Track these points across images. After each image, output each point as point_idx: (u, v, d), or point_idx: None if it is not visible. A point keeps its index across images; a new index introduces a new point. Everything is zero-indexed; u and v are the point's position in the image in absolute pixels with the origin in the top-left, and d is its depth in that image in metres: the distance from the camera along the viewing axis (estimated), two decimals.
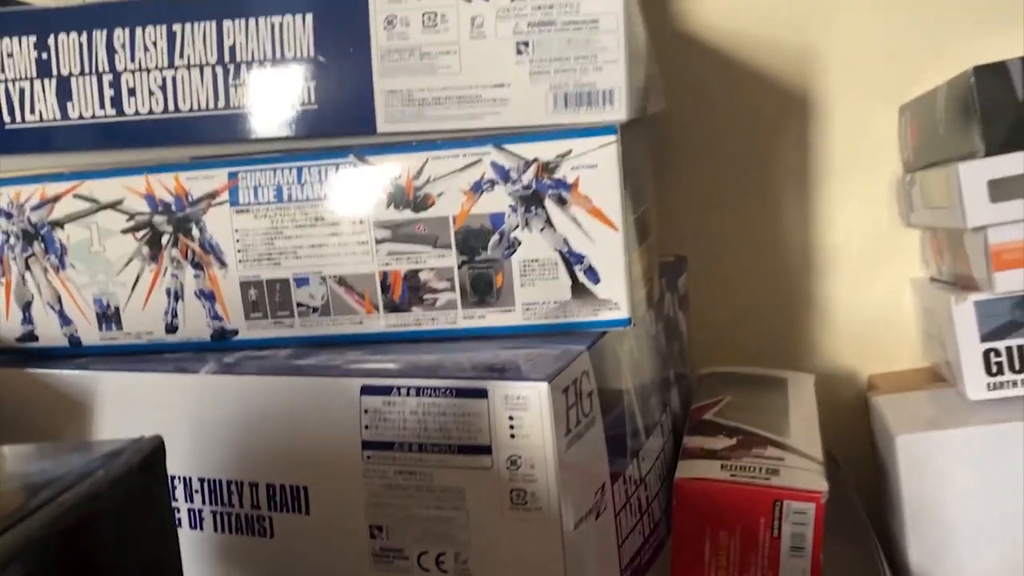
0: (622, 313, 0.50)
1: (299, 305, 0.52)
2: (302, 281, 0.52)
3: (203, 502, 0.49)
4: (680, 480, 0.54)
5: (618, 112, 0.48)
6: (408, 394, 0.45)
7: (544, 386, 0.42)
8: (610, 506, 0.48)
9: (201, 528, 0.50)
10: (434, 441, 0.44)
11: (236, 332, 0.54)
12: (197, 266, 0.53)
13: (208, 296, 0.53)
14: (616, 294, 0.49)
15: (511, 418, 0.43)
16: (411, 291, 0.51)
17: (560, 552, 0.43)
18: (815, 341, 0.79)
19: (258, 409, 0.48)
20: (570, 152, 0.48)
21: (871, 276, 0.77)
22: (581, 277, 0.49)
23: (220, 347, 0.54)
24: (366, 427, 0.45)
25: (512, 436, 0.43)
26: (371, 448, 0.45)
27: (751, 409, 0.65)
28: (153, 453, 0.31)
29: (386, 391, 0.45)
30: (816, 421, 0.63)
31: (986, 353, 0.60)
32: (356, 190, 0.51)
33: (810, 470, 0.55)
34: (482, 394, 0.43)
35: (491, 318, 0.50)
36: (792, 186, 0.77)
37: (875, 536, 0.64)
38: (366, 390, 0.45)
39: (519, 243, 0.50)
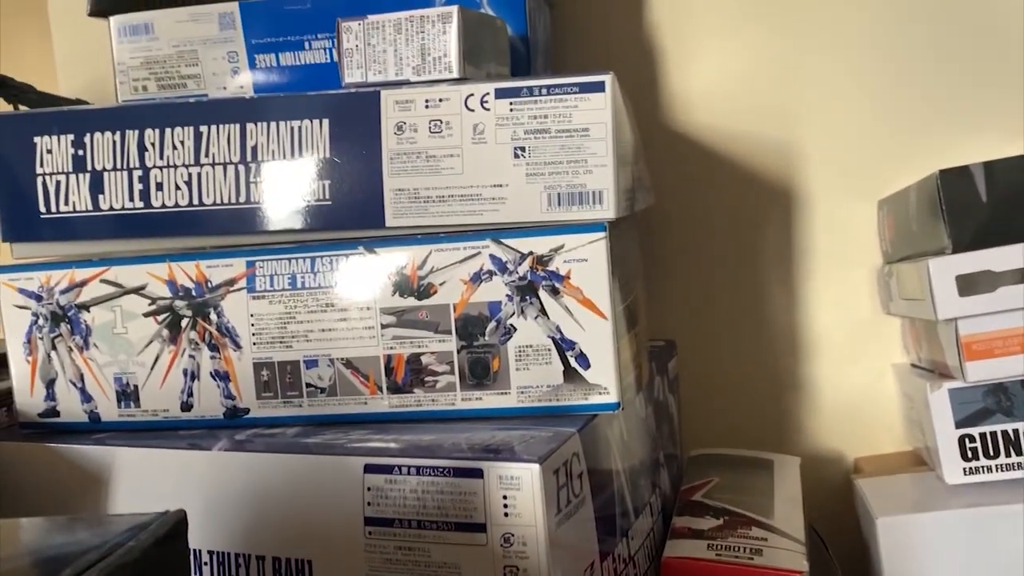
0: (611, 397, 0.53)
1: (308, 386, 0.56)
2: (311, 363, 0.55)
3: (210, 574, 0.52)
4: (668, 559, 0.57)
5: (607, 211, 0.52)
6: (409, 473, 0.47)
7: (536, 467, 0.45)
8: None
9: None
10: (432, 518, 0.47)
11: (248, 411, 0.57)
12: (214, 348, 0.57)
13: (223, 376, 0.57)
14: (606, 379, 0.53)
15: (505, 497, 0.46)
16: (413, 373, 0.54)
17: None
18: (802, 423, 0.82)
19: (267, 485, 0.51)
20: (562, 246, 0.52)
21: (854, 361, 0.81)
22: (573, 362, 0.53)
23: (232, 425, 0.57)
24: (368, 504, 0.48)
25: (506, 515, 0.46)
26: (373, 524, 0.48)
27: (738, 490, 0.67)
28: (177, 526, 0.34)
29: (388, 470, 0.48)
30: (800, 503, 0.66)
31: (961, 439, 0.63)
32: (365, 279, 0.54)
33: (792, 550, 0.58)
34: (478, 474, 0.46)
35: (488, 400, 0.54)
36: (777, 274, 0.81)
37: None
38: (369, 468, 0.48)
39: (515, 330, 0.53)
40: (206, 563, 0.52)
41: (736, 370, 0.82)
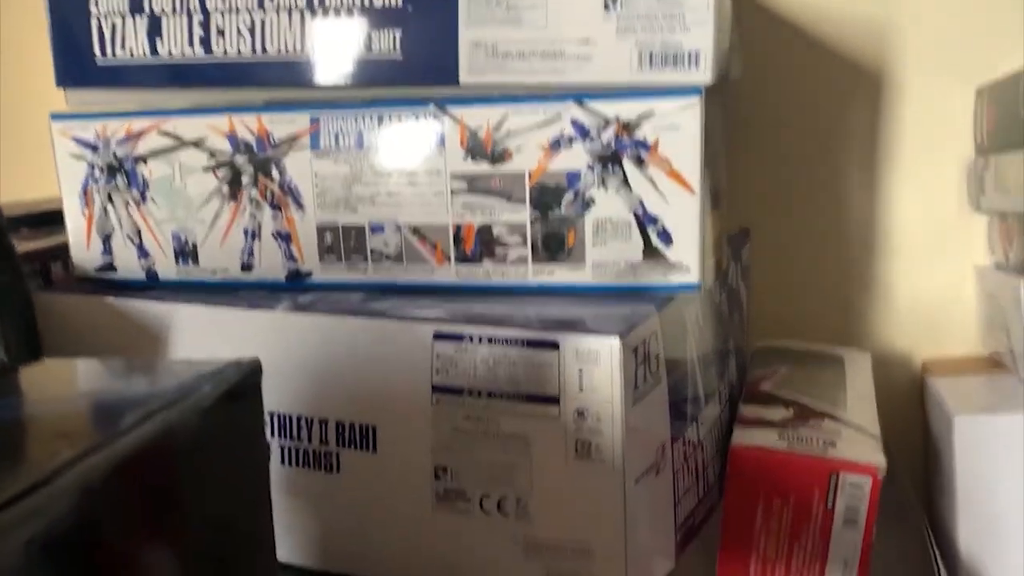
0: (693, 277, 0.50)
1: (373, 251, 0.53)
2: (377, 228, 0.53)
3: (271, 435, 0.51)
4: (736, 447, 0.55)
5: (703, 74, 0.48)
6: (480, 342, 0.45)
7: (616, 342, 0.43)
8: (669, 465, 0.49)
9: None
10: (503, 389, 0.45)
11: (310, 273, 0.55)
12: (275, 207, 0.54)
13: (284, 237, 0.55)
14: (688, 258, 0.50)
15: (581, 371, 0.44)
16: (483, 244, 0.52)
17: (621, 504, 0.44)
18: (872, 321, 0.79)
19: (331, 348, 0.49)
20: (652, 112, 0.48)
21: (934, 260, 0.76)
22: (654, 239, 0.50)
23: (293, 287, 0.55)
24: (437, 372, 0.46)
25: (581, 389, 0.44)
26: (440, 392, 0.47)
27: (807, 383, 0.65)
28: (252, 375, 0.32)
29: (458, 338, 0.46)
30: (872, 399, 0.63)
31: None
32: (435, 140, 0.51)
33: (868, 444, 0.55)
34: (554, 346, 0.44)
35: (560, 275, 0.51)
36: (860, 162, 0.76)
37: (926, 518, 0.65)
38: (439, 336, 0.46)
39: (593, 202, 0.50)
40: (267, 424, 0.51)
41: (808, 262, 0.78)
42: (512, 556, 0.46)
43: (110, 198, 0.57)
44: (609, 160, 0.49)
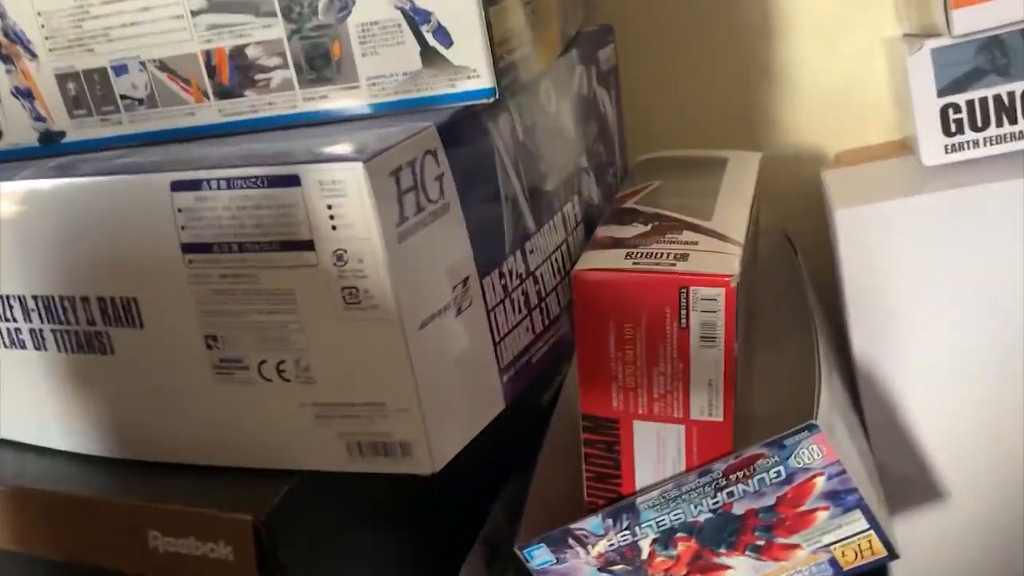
0: (484, 82, 0.42)
1: (123, 98, 0.46)
2: (120, 69, 0.45)
3: (42, 321, 0.45)
4: (577, 272, 0.49)
5: None
6: (219, 187, 0.39)
7: (359, 167, 0.36)
8: (479, 301, 0.43)
9: (45, 348, 0.46)
10: (253, 239, 0.39)
11: (63, 134, 0.47)
12: (6, 59, 0.46)
13: (25, 94, 0.47)
14: (473, 58, 0.42)
15: (330, 207, 0.37)
16: (240, 72, 0.44)
17: (404, 353, 0.38)
18: (776, 115, 0.70)
19: (76, 216, 0.42)
20: None
21: (839, 37, 0.67)
22: (430, 40, 0.42)
23: (50, 152, 0.48)
24: (182, 228, 0.40)
25: (334, 228, 0.37)
26: (191, 251, 0.40)
27: (678, 194, 0.58)
28: None
29: (196, 185, 0.39)
30: (748, 201, 0.56)
31: (944, 109, 0.52)
32: None
33: (724, 252, 0.49)
34: (294, 181, 0.37)
35: (335, 98, 0.43)
36: None
37: (825, 324, 0.59)
38: (177, 186, 0.40)
39: (353, 2, 0.42)
40: (34, 310, 0.45)
41: (694, 57, 0.69)
42: (304, 424, 0.41)
43: None
44: None
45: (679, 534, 0.49)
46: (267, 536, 0.40)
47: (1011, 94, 0.50)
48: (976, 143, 0.52)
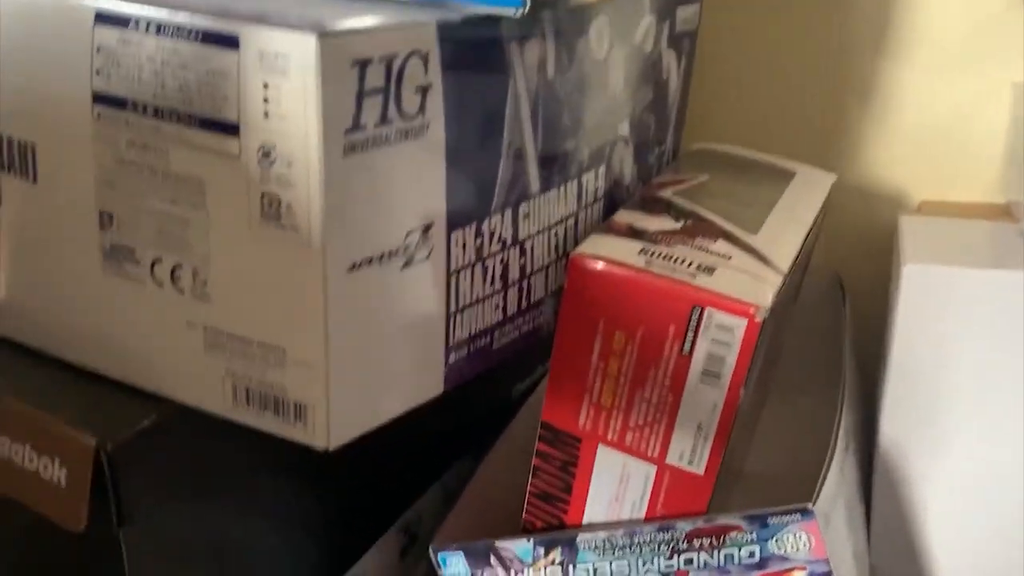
0: None
1: None
2: None
3: None
4: (577, 256, 0.40)
5: None
6: (148, 31, 0.30)
7: (311, 41, 0.27)
8: (440, 257, 0.35)
9: None
10: (172, 105, 0.30)
11: None
12: None
13: None
14: None
15: (266, 86, 0.28)
16: None
17: (320, 293, 0.30)
18: (862, 143, 0.60)
19: None
20: None
21: (962, 71, 0.57)
22: None
23: None
24: (97, 72, 0.32)
25: (266, 115, 0.29)
26: (103, 103, 0.32)
27: (727, 196, 0.48)
28: None
29: (124, 22, 0.31)
30: (806, 225, 0.47)
31: None
32: None
33: (759, 277, 0.40)
34: (232, 43, 0.29)
35: None
36: None
37: (857, 389, 0.50)
38: (102, 18, 0.31)
39: None
40: None
41: (788, 55, 0.59)
42: (189, 348, 0.33)
43: None
44: None
45: None
46: (109, 468, 0.32)
47: None
48: None
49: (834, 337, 0.55)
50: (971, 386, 0.42)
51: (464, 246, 0.35)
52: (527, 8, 0.33)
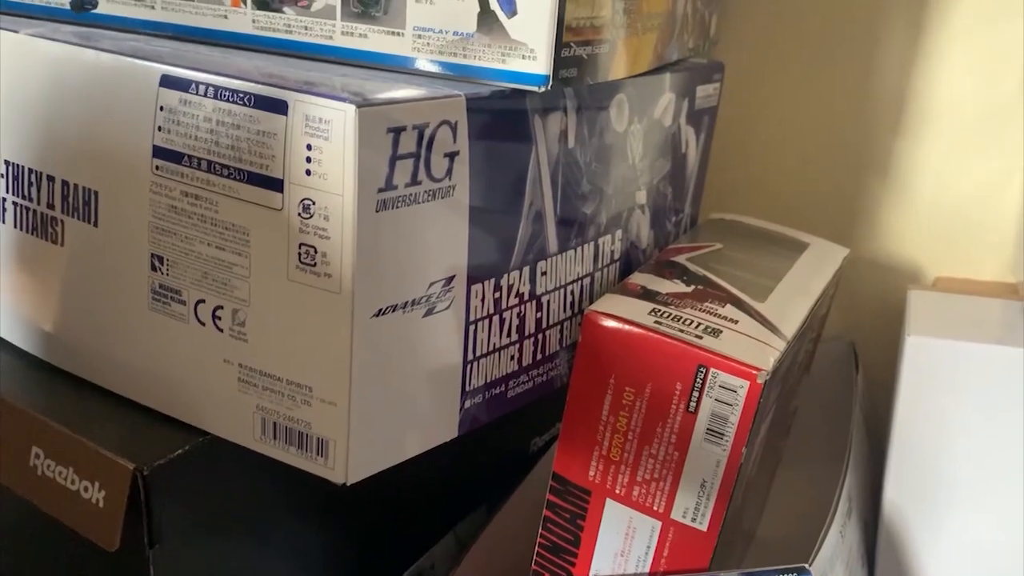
0: (539, 67, 0.36)
1: None
2: None
3: (7, 191, 0.41)
4: (591, 312, 0.42)
5: None
6: (207, 94, 0.34)
7: (351, 110, 0.30)
8: (460, 308, 0.37)
9: (3, 220, 0.42)
10: (224, 161, 0.34)
11: (95, 4, 0.44)
12: None
13: None
14: (534, 36, 0.36)
15: (310, 148, 0.32)
16: None
17: (347, 336, 0.33)
18: (879, 219, 0.63)
19: (64, 87, 0.38)
20: None
21: (980, 150, 0.59)
22: (492, 1, 0.36)
23: (80, 20, 0.44)
24: (159, 129, 0.35)
25: (308, 173, 0.32)
26: (162, 156, 0.35)
27: (738, 264, 0.51)
28: None
29: (185, 86, 0.34)
30: (814, 296, 0.49)
31: None
32: None
33: (764, 342, 0.42)
34: (281, 107, 0.32)
35: (375, 40, 0.38)
36: (904, 18, 0.59)
37: (866, 456, 0.51)
38: (167, 81, 0.35)
39: None
40: (2, 175, 0.41)
41: (808, 129, 0.62)
42: (224, 384, 0.36)
43: None
44: None
45: None
46: (144, 491, 0.35)
47: None
48: None
49: (845, 403, 0.56)
50: (971, 459, 0.43)
51: (483, 298, 0.38)
52: (550, 85, 0.36)
